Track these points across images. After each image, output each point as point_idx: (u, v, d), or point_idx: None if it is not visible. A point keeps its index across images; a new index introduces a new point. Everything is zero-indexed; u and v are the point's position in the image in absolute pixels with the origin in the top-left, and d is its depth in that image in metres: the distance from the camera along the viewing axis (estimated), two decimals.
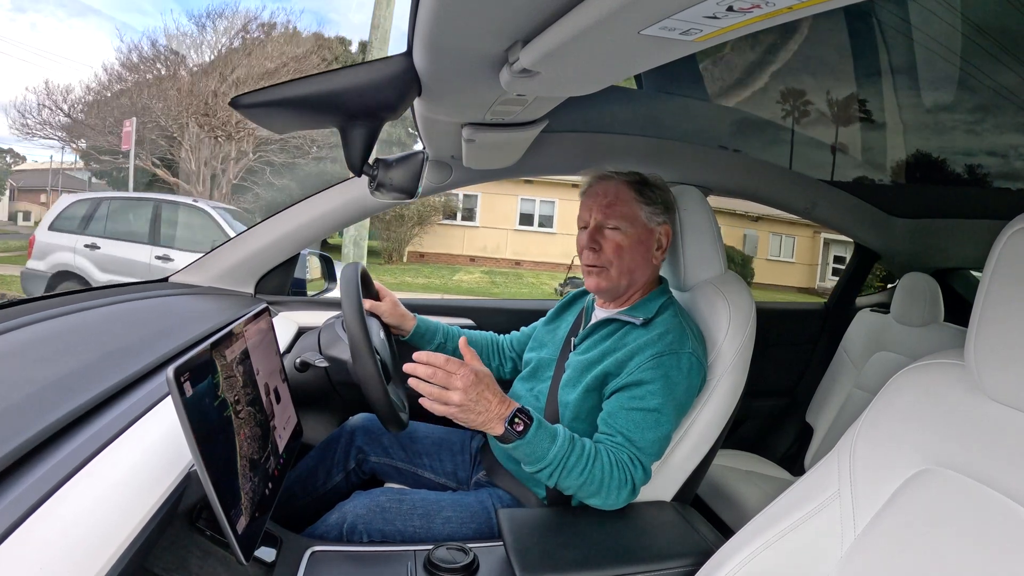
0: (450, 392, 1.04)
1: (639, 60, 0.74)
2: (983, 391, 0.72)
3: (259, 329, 1.08)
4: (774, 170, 2.06)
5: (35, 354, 0.93)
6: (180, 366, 0.71)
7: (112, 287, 1.50)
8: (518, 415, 1.08)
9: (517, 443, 1.07)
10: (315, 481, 1.44)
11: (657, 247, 1.35)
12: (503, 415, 1.07)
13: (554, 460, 1.08)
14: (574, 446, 1.11)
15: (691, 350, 1.22)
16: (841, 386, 2.34)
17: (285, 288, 1.89)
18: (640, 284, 1.35)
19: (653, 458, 1.18)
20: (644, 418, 1.17)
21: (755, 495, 1.94)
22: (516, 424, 1.07)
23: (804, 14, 0.52)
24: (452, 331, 1.64)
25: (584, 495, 1.13)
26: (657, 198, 1.34)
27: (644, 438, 1.16)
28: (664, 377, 1.18)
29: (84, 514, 0.61)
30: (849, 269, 2.69)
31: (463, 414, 1.05)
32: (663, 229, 1.35)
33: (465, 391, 1.04)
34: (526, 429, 1.07)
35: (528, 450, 1.08)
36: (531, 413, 1.10)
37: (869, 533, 0.75)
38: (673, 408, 1.19)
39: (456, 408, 1.04)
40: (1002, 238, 0.69)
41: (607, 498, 1.13)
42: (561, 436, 1.11)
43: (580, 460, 1.10)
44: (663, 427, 1.18)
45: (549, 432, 1.10)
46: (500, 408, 1.07)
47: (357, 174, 1.13)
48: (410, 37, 0.81)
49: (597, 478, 1.11)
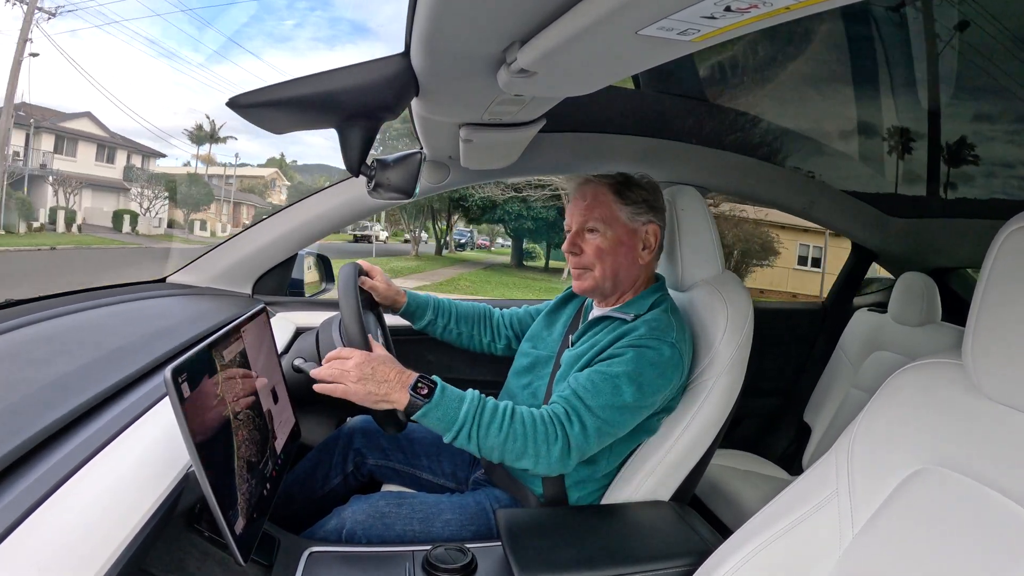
0: (346, 371, 1.06)
1: (637, 60, 0.74)
2: (981, 390, 0.72)
3: (257, 329, 1.07)
4: (771, 170, 2.07)
5: (33, 355, 0.93)
6: (178, 366, 0.71)
7: (110, 287, 1.49)
8: (421, 381, 1.08)
9: (426, 408, 1.06)
10: (313, 483, 1.44)
11: (644, 247, 1.33)
12: (405, 383, 1.07)
13: (466, 418, 1.07)
14: (486, 403, 1.10)
15: (673, 340, 1.21)
16: (839, 386, 2.35)
17: (283, 288, 1.89)
18: (628, 283, 1.35)
19: (599, 424, 1.13)
20: (602, 380, 1.15)
21: (753, 495, 1.95)
22: (420, 389, 1.07)
23: (801, 14, 0.53)
24: (442, 304, 1.62)
25: (513, 457, 1.10)
26: (639, 198, 1.33)
27: (596, 401, 1.13)
28: (637, 355, 1.17)
29: (82, 515, 0.61)
30: (846, 269, 2.69)
31: (363, 387, 1.06)
32: (649, 228, 1.33)
33: (358, 366, 1.06)
34: (431, 393, 1.07)
35: (439, 414, 1.07)
36: (435, 378, 1.10)
37: (867, 532, 0.76)
38: (636, 385, 1.15)
39: (355, 383, 1.06)
40: (999, 237, 0.70)
41: (538, 458, 1.09)
42: (470, 395, 1.10)
43: (495, 416, 1.09)
44: (619, 396, 1.13)
45: (457, 394, 1.09)
46: (401, 377, 1.08)
47: (355, 174, 1.13)
48: (407, 37, 0.81)
49: (520, 433, 1.09)
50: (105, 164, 26.90)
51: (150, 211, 26.55)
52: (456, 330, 1.62)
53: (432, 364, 1.99)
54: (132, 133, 36.68)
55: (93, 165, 25.91)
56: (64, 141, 25.18)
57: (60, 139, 24.95)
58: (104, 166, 26.77)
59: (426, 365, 1.98)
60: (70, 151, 25.27)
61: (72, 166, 24.32)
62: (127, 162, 28.19)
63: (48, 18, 18.55)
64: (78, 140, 25.40)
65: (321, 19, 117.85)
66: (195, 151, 37.48)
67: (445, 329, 1.61)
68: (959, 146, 2.01)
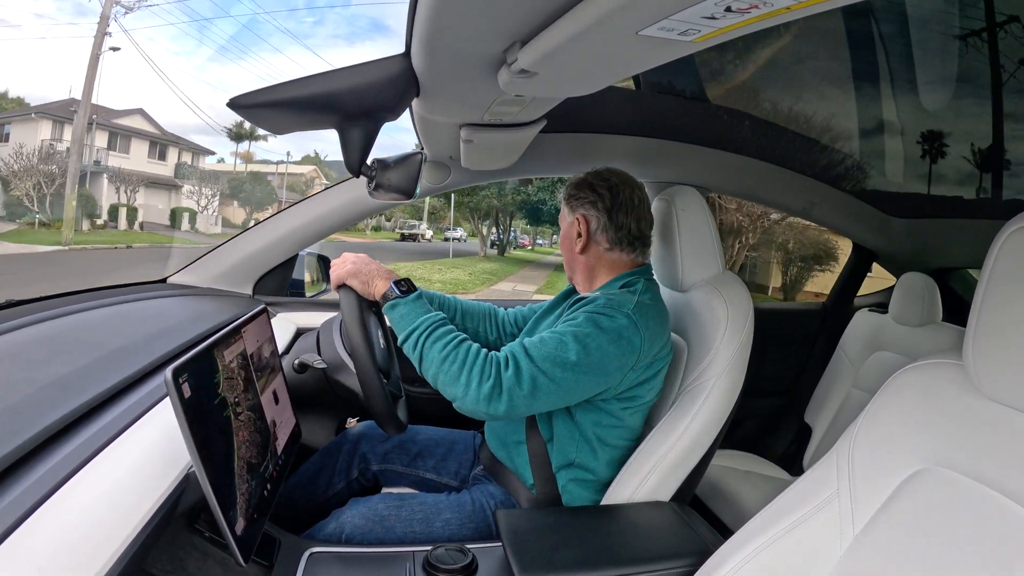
0: (346, 264, 1.28)
1: (637, 61, 0.75)
2: (981, 391, 0.72)
3: (258, 330, 1.08)
4: (771, 170, 2.06)
5: (34, 355, 0.93)
6: (179, 367, 0.71)
7: (111, 288, 1.49)
8: (404, 281, 1.26)
9: (396, 301, 1.21)
10: (316, 488, 1.44)
11: (578, 236, 1.38)
12: (390, 278, 1.25)
13: (422, 325, 1.17)
14: (444, 323, 1.19)
15: (629, 312, 1.20)
16: (839, 386, 2.35)
17: (283, 289, 1.89)
18: (587, 272, 1.40)
19: (536, 374, 1.11)
20: (549, 337, 1.16)
21: (754, 495, 1.94)
22: (401, 285, 1.24)
23: (802, 14, 0.53)
24: (448, 301, 1.61)
25: (447, 380, 1.12)
26: (567, 195, 1.41)
27: (537, 352, 1.13)
28: (588, 317, 1.19)
29: (83, 515, 0.61)
30: (847, 269, 2.69)
31: (356, 270, 1.26)
32: (578, 219, 1.37)
33: (357, 258, 1.29)
34: (408, 293, 1.22)
35: (404, 311, 1.19)
36: (418, 287, 1.27)
37: (868, 532, 0.76)
38: (582, 344, 1.14)
39: (351, 266, 1.27)
40: (1000, 237, 0.69)
41: (468, 388, 1.10)
42: (436, 313, 1.20)
43: (445, 337, 1.15)
44: (563, 351, 1.13)
45: (426, 306, 1.22)
46: (389, 274, 1.27)
47: (355, 175, 1.13)
48: (408, 37, 0.81)
49: (460, 359, 1.12)
50: (157, 161, 27.09)
51: (207, 209, 26.64)
52: (462, 326, 1.60)
53: None
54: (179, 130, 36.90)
55: (146, 162, 26.05)
56: (117, 137, 25.36)
57: (113, 135, 25.14)
58: (156, 163, 26.95)
59: None
60: (123, 147, 25.46)
61: (126, 163, 24.41)
62: (178, 159, 28.33)
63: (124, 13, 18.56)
64: (131, 137, 25.53)
65: (340, 16, 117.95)
66: (234, 148, 37.69)
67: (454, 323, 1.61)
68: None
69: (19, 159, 20.29)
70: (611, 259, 1.37)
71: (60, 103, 23.92)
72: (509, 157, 1.56)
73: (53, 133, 22.77)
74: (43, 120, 22.76)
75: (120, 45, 29.69)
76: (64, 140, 22.32)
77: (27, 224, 19.16)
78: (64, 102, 23.98)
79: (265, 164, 38.82)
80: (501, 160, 1.59)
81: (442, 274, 15.73)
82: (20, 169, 20.05)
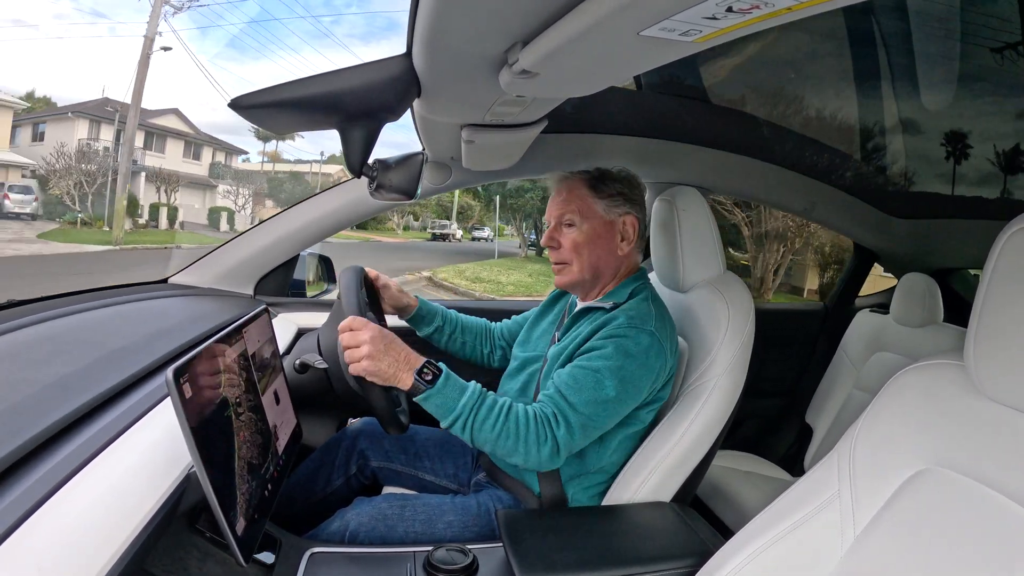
0: (359, 347, 1.08)
1: (639, 61, 0.75)
2: (982, 391, 0.72)
3: (259, 330, 1.08)
4: (772, 171, 2.06)
5: (35, 355, 0.93)
6: (179, 367, 0.71)
7: (112, 288, 1.50)
8: (427, 366, 1.11)
9: (427, 393, 1.09)
10: (315, 485, 1.43)
11: (622, 238, 1.34)
12: (412, 366, 1.10)
13: (464, 409, 1.10)
14: (485, 397, 1.13)
15: (653, 328, 1.21)
16: (841, 386, 2.34)
17: (285, 289, 1.89)
18: (609, 276, 1.36)
19: (583, 420, 1.15)
20: (584, 376, 1.16)
21: (755, 496, 1.94)
22: (425, 374, 1.10)
23: (804, 15, 0.52)
24: (450, 314, 1.63)
25: (504, 452, 1.13)
26: (613, 190, 1.34)
27: (579, 397, 1.15)
28: (616, 346, 1.18)
29: (83, 515, 0.61)
30: (848, 270, 2.69)
31: (374, 365, 1.08)
32: (626, 220, 1.34)
33: (372, 341, 1.09)
34: (435, 379, 1.10)
35: (439, 400, 1.10)
36: (440, 365, 1.13)
37: (869, 533, 0.76)
38: (618, 378, 1.16)
39: (367, 360, 1.07)
40: (1002, 238, 0.69)
41: (528, 455, 1.12)
42: (472, 388, 1.13)
43: (492, 412, 1.12)
44: (602, 390, 1.15)
45: (459, 384, 1.13)
46: (409, 359, 1.11)
47: (356, 175, 1.13)
48: (409, 38, 0.81)
49: (512, 431, 1.11)
50: (192, 161, 27.03)
51: (244, 208, 26.67)
52: (461, 340, 1.62)
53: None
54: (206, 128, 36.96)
55: (181, 161, 25.99)
56: (153, 137, 25.36)
57: (149, 135, 25.12)
58: (191, 163, 26.89)
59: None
60: (159, 147, 25.45)
61: (161, 162, 24.37)
62: (212, 159, 28.37)
63: (174, 13, 18.56)
64: (167, 136, 25.54)
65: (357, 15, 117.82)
66: (262, 147, 37.68)
67: (451, 338, 1.61)
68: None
69: (61, 158, 20.28)
70: (631, 264, 1.38)
71: (96, 102, 24.02)
72: (510, 157, 1.56)
73: (90, 132, 22.84)
74: (80, 119, 22.82)
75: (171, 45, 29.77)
76: (101, 139, 22.52)
77: (68, 223, 19.16)
78: (99, 101, 24.08)
79: (298, 163, 38.78)
80: (502, 160, 1.59)
81: (506, 276, 15.53)
82: (62, 168, 20.06)
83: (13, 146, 21.88)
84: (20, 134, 22.98)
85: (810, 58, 1.92)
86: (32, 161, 21.07)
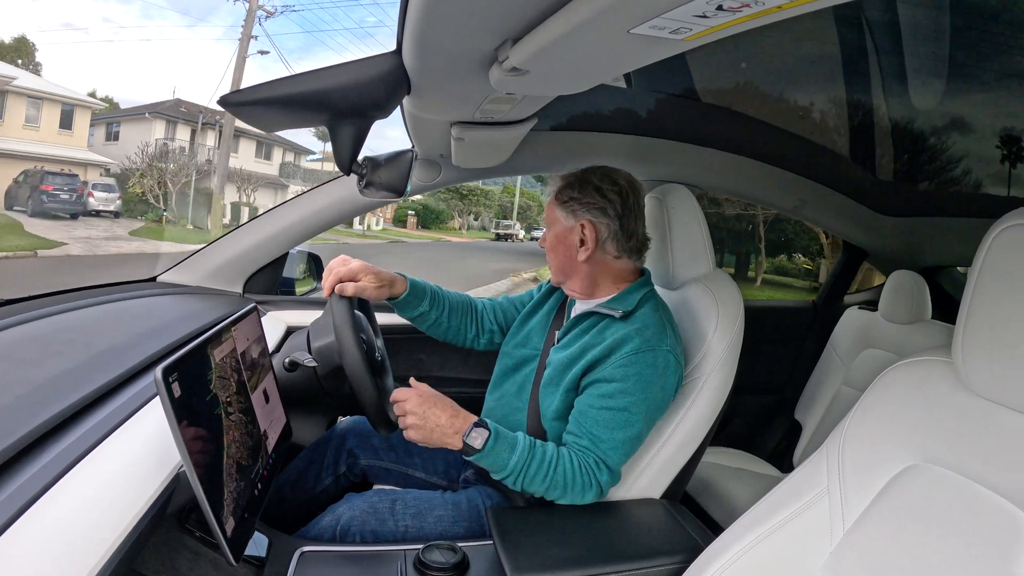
0: (406, 416, 1.14)
1: (629, 59, 0.75)
2: (970, 387, 0.73)
3: (248, 329, 1.07)
4: (762, 169, 2.07)
5: (23, 355, 0.92)
6: (168, 366, 0.70)
7: (100, 287, 1.48)
8: (475, 428, 1.14)
9: (478, 456, 1.13)
10: (305, 483, 1.43)
11: (581, 243, 1.29)
12: (460, 429, 1.14)
13: (515, 469, 1.14)
14: (534, 454, 1.16)
15: (668, 347, 1.22)
16: (829, 383, 2.36)
17: (274, 287, 1.88)
18: (582, 280, 1.33)
19: (621, 459, 1.20)
20: (613, 418, 1.18)
21: (744, 492, 1.95)
22: (474, 438, 1.13)
23: (793, 13, 0.53)
24: (439, 294, 1.52)
25: (552, 497, 1.19)
26: (567, 197, 1.30)
27: (612, 438, 1.17)
28: (637, 376, 1.18)
29: (73, 516, 0.61)
30: (837, 267, 2.70)
31: (419, 434, 1.13)
32: (585, 226, 1.29)
33: (414, 412, 1.13)
34: (485, 443, 1.13)
35: (489, 461, 1.14)
36: (488, 424, 1.15)
37: (858, 529, 0.76)
38: (644, 408, 1.19)
39: (413, 430, 1.13)
40: (989, 236, 0.70)
41: (573, 499, 1.19)
42: (521, 444, 1.15)
43: (542, 467, 1.15)
44: (632, 427, 1.18)
45: (508, 442, 1.15)
46: (455, 422, 1.14)
47: (346, 172, 1.13)
48: (399, 35, 0.81)
49: (560, 482, 1.16)
50: (263, 161, 26.90)
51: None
52: (446, 324, 1.53)
53: (424, 363, 1.98)
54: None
55: (253, 161, 25.84)
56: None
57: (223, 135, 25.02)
58: (263, 163, 26.76)
59: (418, 364, 1.97)
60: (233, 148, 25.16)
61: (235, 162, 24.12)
62: (282, 158, 28.30)
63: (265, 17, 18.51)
64: (240, 136, 25.28)
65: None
66: (322, 147, 37.44)
67: (436, 323, 1.51)
68: None
69: (145, 157, 20.38)
70: (618, 268, 1.33)
71: (170, 103, 24.14)
72: (500, 155, 1.55)
73: (166, 132, 22.91)
74: (156, 120, 22.91)
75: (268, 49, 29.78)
76: (177, 139, 22.65)
77: (153, 221, 19.20)
78: (173, 102, 24.25)
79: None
80: (492, 158, 1.58)
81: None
82: (145, 167, 20.13)
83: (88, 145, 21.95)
84: (95, 133, 23.03)
85: (800, 57, 1.93)
86: (111, 160, 21.16)
